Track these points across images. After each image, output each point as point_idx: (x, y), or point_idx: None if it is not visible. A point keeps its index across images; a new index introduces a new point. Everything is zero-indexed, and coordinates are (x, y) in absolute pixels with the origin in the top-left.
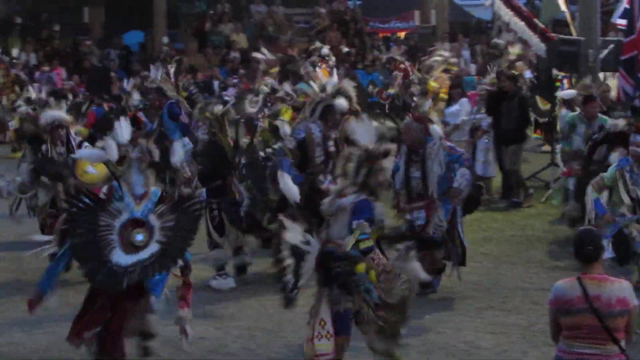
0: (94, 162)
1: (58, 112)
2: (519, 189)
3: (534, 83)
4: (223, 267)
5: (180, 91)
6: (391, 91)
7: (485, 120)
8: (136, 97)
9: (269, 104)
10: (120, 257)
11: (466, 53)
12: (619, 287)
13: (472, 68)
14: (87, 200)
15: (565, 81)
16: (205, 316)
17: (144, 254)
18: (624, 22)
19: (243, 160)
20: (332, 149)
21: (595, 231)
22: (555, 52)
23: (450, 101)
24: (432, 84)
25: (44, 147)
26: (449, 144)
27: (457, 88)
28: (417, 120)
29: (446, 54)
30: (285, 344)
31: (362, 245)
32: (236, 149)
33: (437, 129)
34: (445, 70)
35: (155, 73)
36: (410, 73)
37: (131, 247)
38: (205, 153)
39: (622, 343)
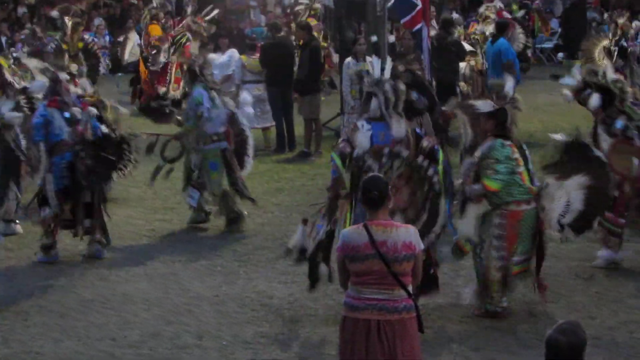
0: None
1: None
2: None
3: None
4: None
5: None
6: None
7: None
8: None
9: None
10: None
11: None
12: (404, 232)
13: (262, 19)
14: None
15: None
16: None
17: None
18: None
19: None
20: None
21: (382, 178)
22: (343, 2)
23: (216, 50)
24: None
25: None
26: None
27: (225, 38)
28: None
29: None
30: (79, 300)
31: None
32: None
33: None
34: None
35: None
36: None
37: None
38: None
39: (410, 287)
